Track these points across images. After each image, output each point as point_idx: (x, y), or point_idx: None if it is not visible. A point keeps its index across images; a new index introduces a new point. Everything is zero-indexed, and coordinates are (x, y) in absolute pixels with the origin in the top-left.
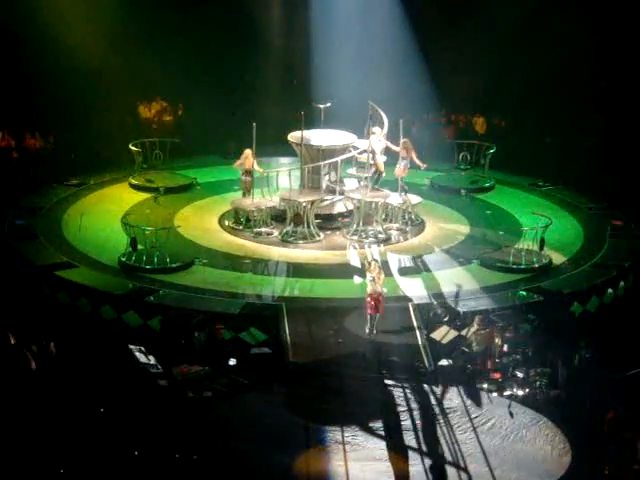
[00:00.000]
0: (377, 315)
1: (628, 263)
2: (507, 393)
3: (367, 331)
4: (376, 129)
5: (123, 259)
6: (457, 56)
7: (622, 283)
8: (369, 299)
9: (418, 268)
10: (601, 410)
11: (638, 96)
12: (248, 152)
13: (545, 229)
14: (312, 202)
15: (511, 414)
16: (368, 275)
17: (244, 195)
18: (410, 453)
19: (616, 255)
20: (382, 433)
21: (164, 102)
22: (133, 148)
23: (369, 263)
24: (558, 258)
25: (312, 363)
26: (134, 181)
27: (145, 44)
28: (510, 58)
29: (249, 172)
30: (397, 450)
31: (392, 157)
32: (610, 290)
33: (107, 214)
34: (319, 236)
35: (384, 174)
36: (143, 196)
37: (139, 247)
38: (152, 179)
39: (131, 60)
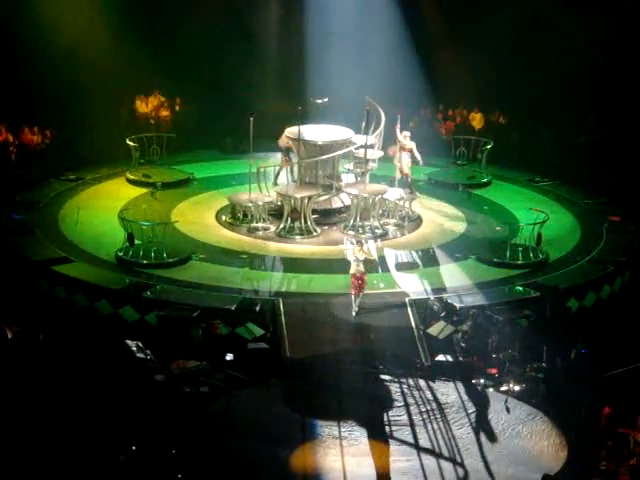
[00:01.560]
0: (360, 294)
1: (625, 259)
2: (503, 388)
3: (353, 313)
4: (406, 132)
5: (120, 254)
6: (455, 51)
7: (619, 279)
8: (353, 279)
9: (415, 263)
10: (597, 405)
11: (637, 93)
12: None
13: (542, 225)
14: (309, 197)
15: (507, 409)
16: (356, 255)
17: (276, 179)
18: (406, 448)
19: (613, 251)
20: (379, 428)
21: (162, 97)
22: (130, 143)
23: (359, 243)
24: (555, 253)
25: (309, 358)
26: (131, 176)
27: (143, 38)
28: (508, 54)
29: (288, 151)
30: (394, 445)
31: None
32: (607, 286)
33: (104, 209)
34: (316, 231)
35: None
36: (140, 191)
37: (136, 242)
38: (149, 174)
39: (129, 54)
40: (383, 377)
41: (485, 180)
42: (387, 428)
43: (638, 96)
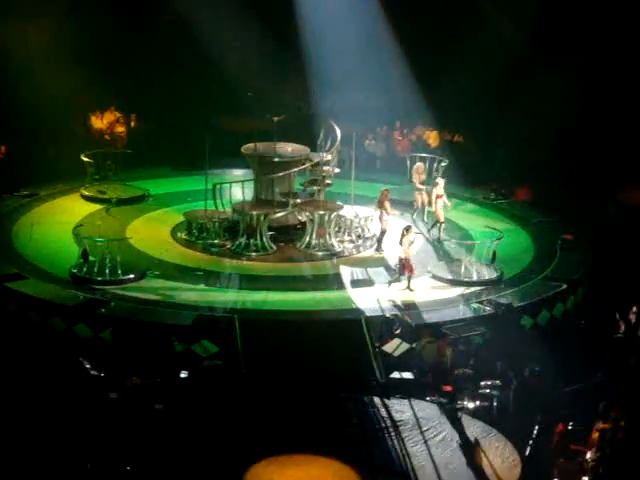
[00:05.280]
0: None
1: (578, 276)
2: (458, 406)
3: (409, 291)
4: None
5: (74, 270)
6: (413, 71)
7: (572, 297)
8: (405, 262)
9: (370, 281)
10: (550, 423)
11: (591, 111)
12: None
13: (496, 242)
14: (265, 214)
15: (462, 426)
16: (408, 239)
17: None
18: (361, 466)
19: (566, 268)
20: (334, 446)
21: (117, 112)
22: (85, 159)
23: (407, 229)
24: (509, 271)
25: (264, 375)
26: (86, 192)
27: (98, 54)
28: (462, 72)
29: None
30: (348, 463)
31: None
32: (560, 303)
33: (58, 225)
34: (272, 248)
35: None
36: (95, 207)
37: (90, 258)
38: (104, 190)
39: (84, 71)
40: (338, 394)
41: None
42: (342, 445)
43: (592, 113)
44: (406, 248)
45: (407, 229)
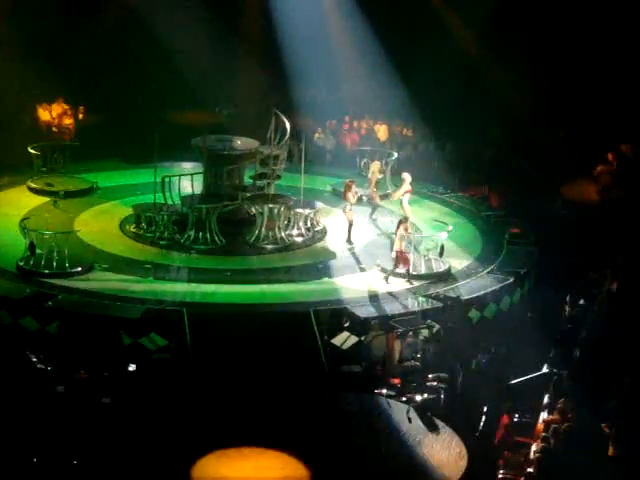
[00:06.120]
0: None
1: (524, 270)
2: (405, 398)
3: (409, 284)
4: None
5: (21, 263)
6: (365, 66)
7: (519, 290)
8: (400, 254)
9: (319, 274)
10: (496, 415)
11: (543, 107)
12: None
13: (445, 236)
14: (214, 207)
15: (409, 419)
16: (403, 232)
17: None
18: (308, 459)
19: (513, 262)
20: (282, 438)
21: (65, 105)
22: (32, 151)
23: (403, 221)
24: (457, 264)
25: (214, 369)
26: (33, 185)
27: (46, 45)
28: (411, 66)
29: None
30: (295, 456)
31: None
32: (507, 296)
33: (4, 218)
34: (221, 241)
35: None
36: (42, 200)
37: (37, 251)
38: (51, 183)
39: (31, 61)
40: (287, 387)
41: (388, 192)
42: (290, 438)
43: (544, 109)
44: (399, 240)
45: (402, 221)
